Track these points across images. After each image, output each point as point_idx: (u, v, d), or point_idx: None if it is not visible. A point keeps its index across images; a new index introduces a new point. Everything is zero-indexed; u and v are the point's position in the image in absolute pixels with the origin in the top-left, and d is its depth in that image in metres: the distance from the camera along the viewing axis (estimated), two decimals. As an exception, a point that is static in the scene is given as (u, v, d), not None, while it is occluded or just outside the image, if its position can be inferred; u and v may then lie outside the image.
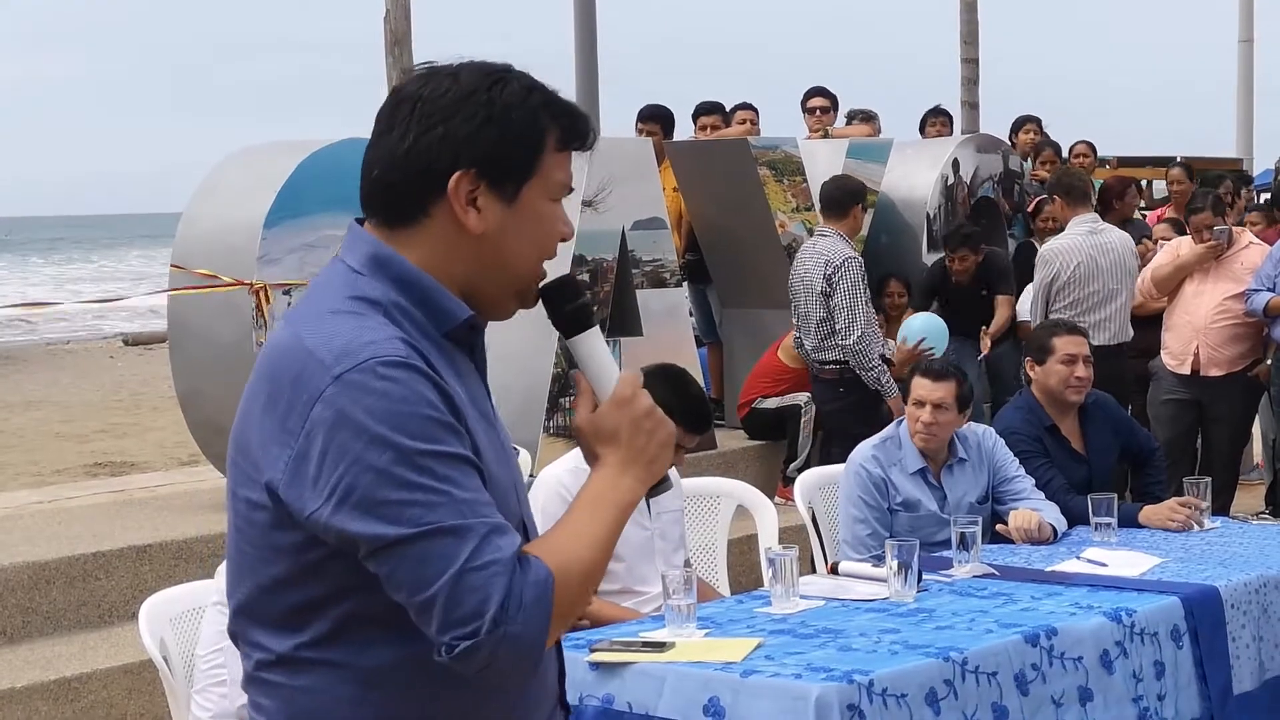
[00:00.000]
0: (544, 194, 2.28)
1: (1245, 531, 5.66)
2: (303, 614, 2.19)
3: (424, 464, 2.08)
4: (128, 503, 8.16)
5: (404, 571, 2.08)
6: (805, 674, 3.80)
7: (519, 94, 2.25)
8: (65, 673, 6.12)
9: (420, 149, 2.22)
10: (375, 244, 2.26)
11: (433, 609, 2.07)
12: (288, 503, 2.13)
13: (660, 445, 2.27)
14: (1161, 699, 4.49)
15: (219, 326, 7.42)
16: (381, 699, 2.20)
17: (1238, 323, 8.77)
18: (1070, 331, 6.31)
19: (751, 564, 7.00)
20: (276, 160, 7.73)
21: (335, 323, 2.17)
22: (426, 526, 2.07)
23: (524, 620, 2.07)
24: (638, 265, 8.90)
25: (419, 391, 2.11)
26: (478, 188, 2.22)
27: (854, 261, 8.22)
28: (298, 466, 2.12)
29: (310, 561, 2.16)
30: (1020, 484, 5.73)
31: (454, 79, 2.24)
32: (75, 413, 16.24)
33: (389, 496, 2.07)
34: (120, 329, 29.05)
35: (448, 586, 2.06)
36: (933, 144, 11.64)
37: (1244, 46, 24.43)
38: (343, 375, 2.10)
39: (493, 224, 2.24)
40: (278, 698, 2.23)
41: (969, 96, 14.05)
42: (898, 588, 4.59)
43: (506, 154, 2.23)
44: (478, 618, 2.05)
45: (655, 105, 10.70)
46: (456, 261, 2.25)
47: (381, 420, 2.08)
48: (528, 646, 2.09)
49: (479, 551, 2.07)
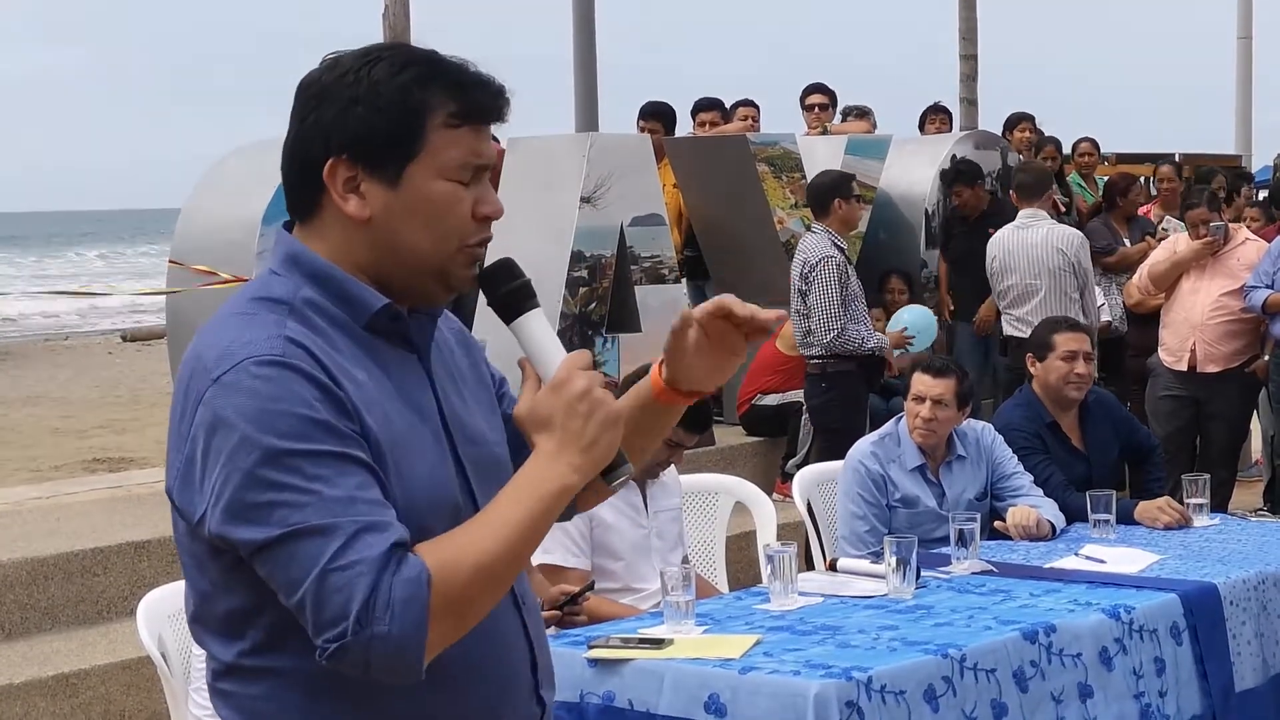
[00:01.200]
0: (436, 174, 2.16)
1: (1244, 528, 5.66)
2: (238, 622, 2.16)
3: (292, 464, 2.02)
4: (126, 498, 8.16)
5: (278, 574, 2.04)
6: (804, 671, 3.80)
7: (389, 70, 2.15)
8: (63, 669, 6.12)
9: (299, 139, 2.19)
10: (290, 242, 2.22)
11: (304, 611, 2.02)
12: (181, 509, 2.12)
13: (600, 426, 2.15)
14: (1163, 695, 4.49)
15: (217, 322, 7.41)
16: (330, 705, 2.16)
17: (1234, 319, 8.77)
18: (1071, 328, 6.32)
19: (750, 560, 7.00)
20: (275, 156, 7.66)
21: (226, 326, 2.14)
22: (292, 527, 2.01)
23: (392, 620, 1.99)
24: (636, 261, 8.90)
25: (291, 390, 2.05)
26: (356, 173, 2.16)
27: (830, 260, 8.20)
28: (187, 471, 2.09)
29: (226, 568, 2.12)
30: (1019, 481, 5.73)
31: (334, 64, 2.18)
32: (74, 408, 16.23)
33: (257, 499, 2.02)
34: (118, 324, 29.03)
35: (313, 587, 2.00)
36: (931, 140, 11.66)
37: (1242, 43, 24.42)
38: (220, 377, 2.06)
39: (378, 209, 2.17)
40: (234, 706, 2.21)
41: (968, 93, 14.07)
42: (896, 584, 4.59)
43: (378, 134, 2.14)
44: (343, 619, 1.99)
45: (657, 103, 10.69)
46: (356, 251, 2.19)
47: (250, 420, 2.03)
48: (400, 646, 2.01)
49: (343, 551, 2.00)
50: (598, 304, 8.69)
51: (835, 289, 8.17)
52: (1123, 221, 10.86)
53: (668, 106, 10.72)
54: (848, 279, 8.25)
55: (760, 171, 10.02)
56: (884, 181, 10.76)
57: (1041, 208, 9.31)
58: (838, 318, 8.18)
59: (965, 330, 10.28)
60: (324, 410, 2.06)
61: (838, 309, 8.18)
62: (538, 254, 7.85)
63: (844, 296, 8.21)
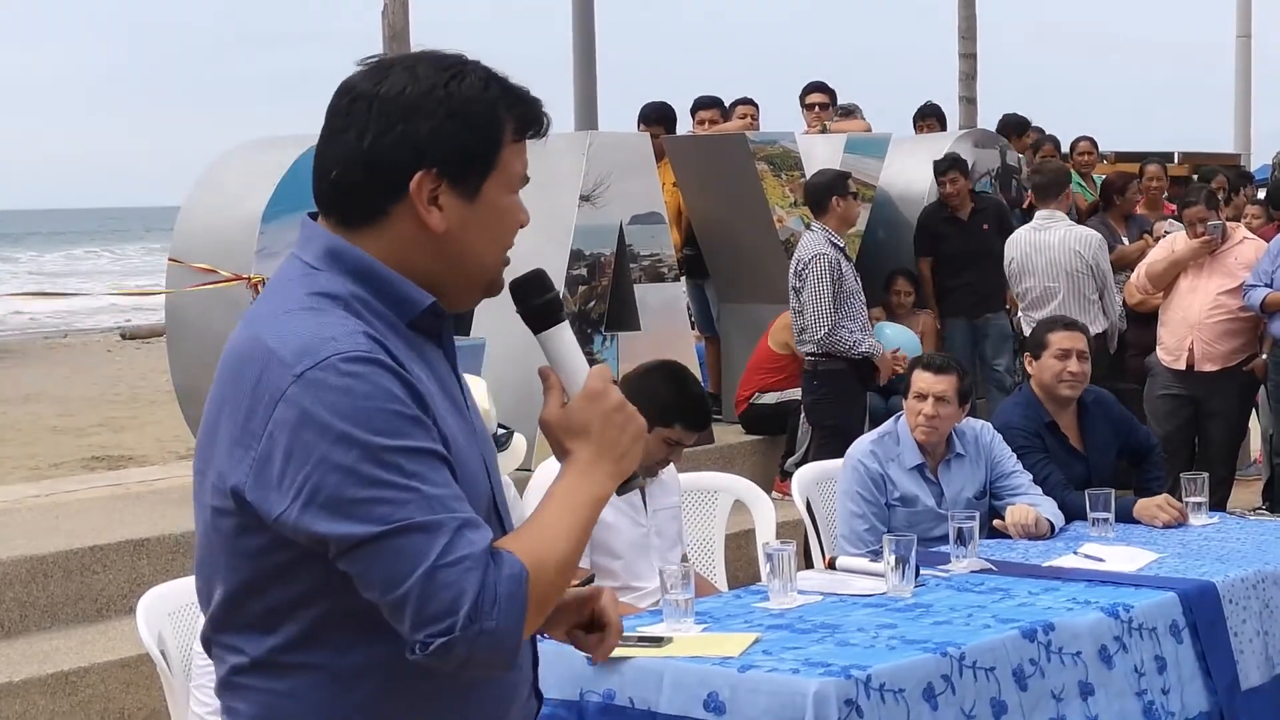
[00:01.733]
0: (504, 188, 2.23)
1: (1243, 527, 5.66)
2: (275, 617, 2.17)
3: (391, 460, 2.05)
4: (125, 496, 8.16)
5: (375, 570, 2.05)
6: (803, 669, 3.80)
7: (477, 86, 2.19)
8: (63, 666, 6.12)
9: (381, 149, 2.17)
10: (330, 238, 2.22)
11: (405, 607, 2.04)
12: (254, 505, 2.10)
13: (631, 440, 2.25)
14: (1166, 693, 4.49)
15: (217, 320, 7.41)
16: (359, 700, 2.18)
17: (1232, 318, 8.77)
18: (1065, 327, 6.31)
19: (749, 559, 7.00)
20: (274, 154, 7.73)
21: (294, 321, 2.13)
22: (396, 524, 2.03)
23: (500, 615, 2.04)
24: (635, 260, 8.90)
25: (383, 386, 2.07)
26: (439, 186, 2.19)
27: (822, 258, 8.22)
28: (262, 469, 2.08)
29: (278, 564, 2.14)
30: (1018, 479, 5.73)
31: (410, 74, 2.19)
32: (73, 406, 16.23)
33: (357, 495, 2.04)
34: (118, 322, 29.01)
35: (420, 583, 2.03)
36: (930, 139, 11.66)
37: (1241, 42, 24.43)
38: (304, 373, 2.06)
39: (455, 222, 2.20)
40: (254, 702, 2.21)
41: (967, 92, 14.09)
42: (895, 583, 4.59)
43: (468, 151, 2.19)
44: (451, 614, 2.03)
45: (658, 104, 10.69)
46: (417, 259, 2.22)
47: (345, 417, 2.04)
48: (504, 641, 2.06)
49: (451, 547, 2.04)
50: (597, 302, 8.69)
51: (827, 286, 8.17)
52: (1120, 220, 10.86)
53: (669, 108, 10.72)
54: (841, 276, 8.24)
55: (760, 170, 10.02)
56: (883, 180, 10.76)
57: (1059, 208, 9.24)
58: (829, 315, 8.19)
59: (960, 328, 10.24)
60: (412, 406, 2.09)
61: (829, 306, 8.19)
62: (537, 252, 7.81)
63: (836, 294, 8.20)
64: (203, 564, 2.24)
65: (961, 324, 10.20)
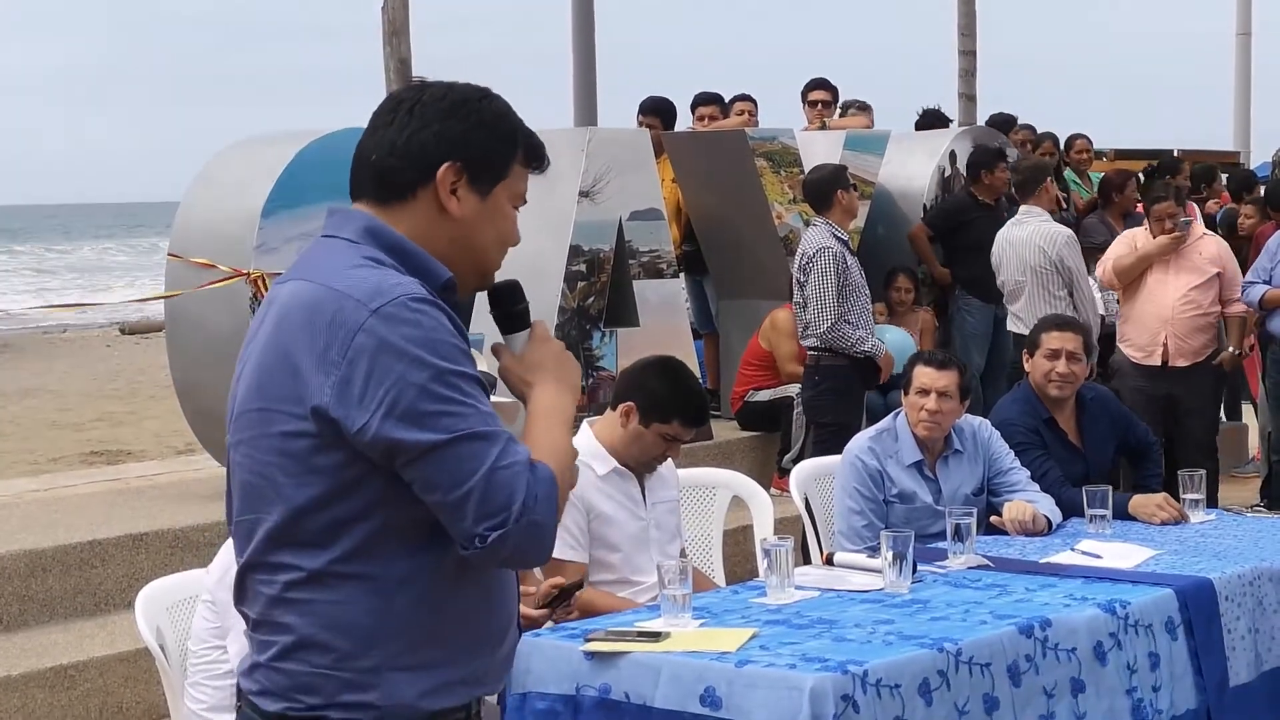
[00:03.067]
0: (509, 197, 2.67)
1: (1240, 524, 5.67)
2: (334, 531, 2.49)
3: (454, 381, 2.46)
4: (124, 491, 8.17)
5: (442, 473, 2.43)
6: (800, 664, 3.81)
7: (504, 108, 2.67)
8: (61, 661, 6.13)
9: (418, 140, 2.60)
10: (366, 218, 2.62)
11: (468, 503, 2.43)
12: (338, 420, 2.45)
13: (577, 375, 2.73)
14: (1156, 690, 4.50)
15: (216, 315, 7.42)
16: (403, 606, 2.51)
17: (1202, 313, 8.77)
18: (1059, 327, 6.29)
19: (747, 554, 7.01)
20: (274, 149, 7.73)
21: (361, 273, 2.51)
22: (460, 432, 2.44)
23: (541, 511, 2.46)
24: (634, 256, 8.91)
25: (442, 323, 2.48)
26: (459, 179, 2.61)
27: (826, 251, 8.19)
28: (343, 389, 2.44)
29: (347, 479, 2.47)
30: (1015, 476, 5.74)
31: (449, 89, 2.65)
32: (71, 401, 16.23)
33: (428, 408, 2.43)
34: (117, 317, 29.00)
35: (482, 483, 2.43)
36: (929, 136, 11.65)
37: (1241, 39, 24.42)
38: (380, 309, 2.45)
39: (468, 212, 2.62)
40: (306, 613, 2.52)
41: (966, 88, 14.06)
42: (893, 579, 4.60)
43: (489, 155, 2.63)
44: (506, 509, 2.43)
45: (657, 98, 10.69)
46: (435, 238, 2.62)
47: (419, 345, 2.44)
48: (546, 533, 2.48)
49: (504, 454, 2.45)
50: (596, 298, 8.70)
51: (831, 280, 8.15)
52: (1119, 218, 10.86)
53: (667, 102, 10.71)
54: (846, 271, 8.21)
55: (759, 166, 10.02)
56: (882, 176, 10.75)
57: (1037, 204, 9.24)
58: (832, 309, 8.17)
59: (984, 312, 10.16)
60: (464, 342, 2.51)
61: (833, 300, 8.17)
62: (536, 248, 7.86)
63: (841, 289, 8.19)
64: (252, 499, 2.58)
65: (988, 309, 10.11)
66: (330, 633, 2.50)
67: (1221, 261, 8.88)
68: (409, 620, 2.52)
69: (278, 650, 2.53)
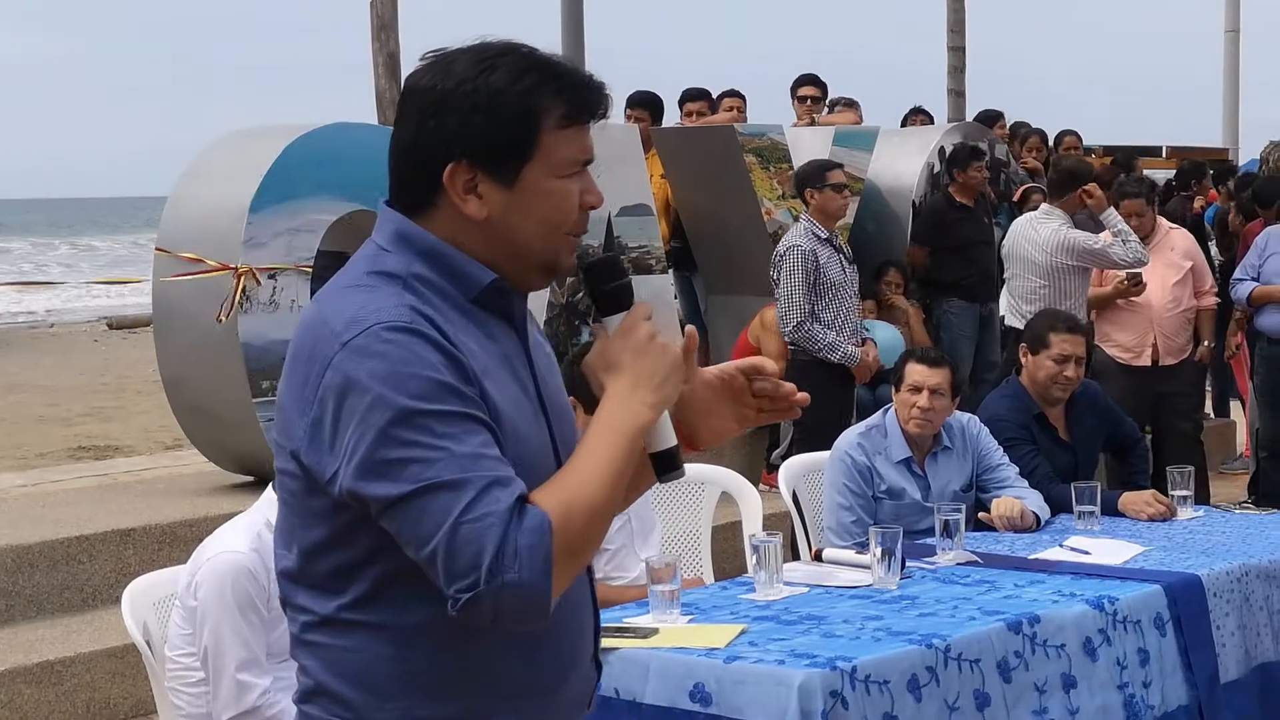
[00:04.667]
0: (549, 172, 2.30)
1: (1228, 520, 5.67)
2: (342, 577, 2.28)
3: (423, 423, 2.15)
4: (112, 486, 8.16)
5: (408, 528, 2.16)
6: (789, 660, 3.81)
7: (508, 78, 2.27)
8: (48, 656, 6.12)
9: (418, 143, 2.30)
10: (400, 221, 2.33)
11: (435, 563, 2.14)
12: (309, 468, 2.23)
13: (669, 368, 2.30)
14: (1147, 686, 4.51)
15: (204, 310, 7.40)
16: (420, 656, 2.28)
17: (1184, 309, 8.76)
18: (1070, 330, 6.22)
19: (735, 550, 7.00)
20: (263, 144, 7.71)
21: (349, 296, 2.26)
22: (424, 482, 2.13)
23: (520, 568, 2.11)
24: (623, 251, 8.90)
25: (418, 354, 2.17)
26: (475, 175, 2.28)
27: (796, 250, 8.17)
28: (315, 432, 2.21)
29: (343, 524, 2.24)
30: (1004, 472, 5.74)
31: (447, 69, 2.29)
32: (59, 396, 16.19)
33: (390, 455, 2.14)
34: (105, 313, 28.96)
35: (445, 539, 2.12)
36: (919, 132, 11.65)
37: (1230, 36, 24.43)
38: (349, 341, 2.18)
39: (495, 209, 2.29)
40: (322, 658, 2.32)
41: (955, 85, 14.08)
42: (881, 575, 4.60)
43: (498, 140, 2.27)
44: (474, 569, 2.11)
45: (644, 92, 10.67)
46: (470, 242, 2.31)
47: (382, 381, 2.15)
48: (529, 593, 2.13)
49: (474, 504, 2.12)
50: (584, 294, 8.69)
51: (799, 279, 8.12)
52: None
53: (655, 96, 10.70)
54: (818, 269, 8.16)
55: (748, 162, 10.01)
56: (871, 172, 10.75)
57: (1064, 207, 9.06)
58: (799, 307, 8.14)
59: (968, 313, 10.16)
60: (449, 374, 2.19)
61: (800, 298, 8.14)
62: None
63: (812, 287, 8.15)
64: (281, 533, 2.37)
65: (972, 309, 10.11)
66: (342, 681, 2.30)
67: (1191, 255, 8.90)
68: (429, 671, 2.28)
69: (301, 692, 2.37)
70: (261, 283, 7.33)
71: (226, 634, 3.97)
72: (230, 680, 3.97)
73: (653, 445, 2.35)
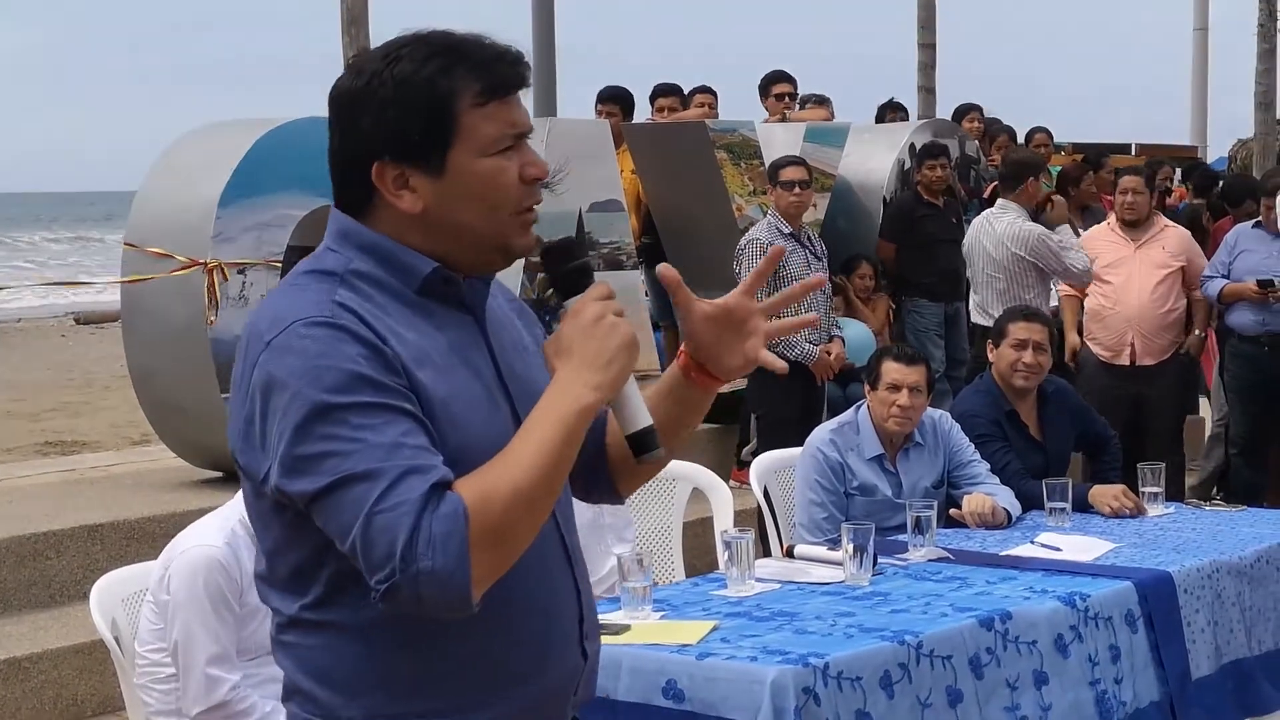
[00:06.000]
0: (476, 153, 2.26)
1: (1198, 517, 5.69)
2: (300, 577, 2.27)
3: (339, 416, 2.13)
4: (79, 482, 8.11)
5: (331, 522, 2.14)
6: (761, 656, 3.80)
7: (412, 67, 2.24)
8: (15, 653, 6.08)
9: (344, 148, 2.29)
10: (343, 220, 2.32)
11: (357, 556, 2.12)
12: (245, 468, 2.24)
13: (617, 347, 2.24)
14: (1119, 682, 4.51)
15: (172, 306, 7.37)
16: (384, 654, 2.26)
17: (1168, 310, 8.72)
18: (1026, 318, 6.29)
19: (706, 547, 6.98)
20: (232, 138, 7.68)
21: (279, 296, 2.27)
22: (340, 475, 2.11)
23: (434, 555, 2.08)
24: (594, 247, 8.90)
25: (335, 348, 2.16)
26: (402, 170, 2.26)
27: (753, 243, 8.29)
28: (248, 431, 2.21)
29: (290, 525, 2.23)
30: (976, 469, 5.74)
31: (359, 69, 2.28)
32: (26, 391, 16.10)
33: (309, 450, 2.13)
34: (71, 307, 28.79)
35: (361, 530, 2.10)
36: (889, 129, 11.67)
37: (1198, 34, 24.57)
38: (271, 341, 2.18)
39: (430, 199, 2.27)
40: (294, 658, 2.32)
41: (926, 81, 14.09)
42: (853, 571, 4.60)
43: (414, 130, 2.24)
44: (390, 559, 2.08)
45: (615, 87, 10.67)
46: (411, 235, 2.29)
47: (299, 377, 2.14)
48: (446, 581, 2.09)
49: (388, 493, 2.09)
50: (543, 277, 8.67)
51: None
52: (1076, 211, 10.88)
53: (625, 91, 10.69)
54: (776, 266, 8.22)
55: (719, 158, 10.01)
56: (843, 169, 10.76)
57: (1017, 200, 9.08)
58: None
59: (934, 311, 10.18)
60: (368, 366, 2.16)
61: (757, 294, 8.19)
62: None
63: (769, 282, 8.21)
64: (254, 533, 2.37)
65: (937, 308, 10.13)
66: (311, 680, 2.30)
67: (1186, 252, 8.87)
68: (393, 668, 2.26)
69: (284, 691, 2.37)
70: (230, 278, 7.30)
71: (197, 628, 3.95)
72: (200, 674, 3.95)
73: (626, 426, 2.31)
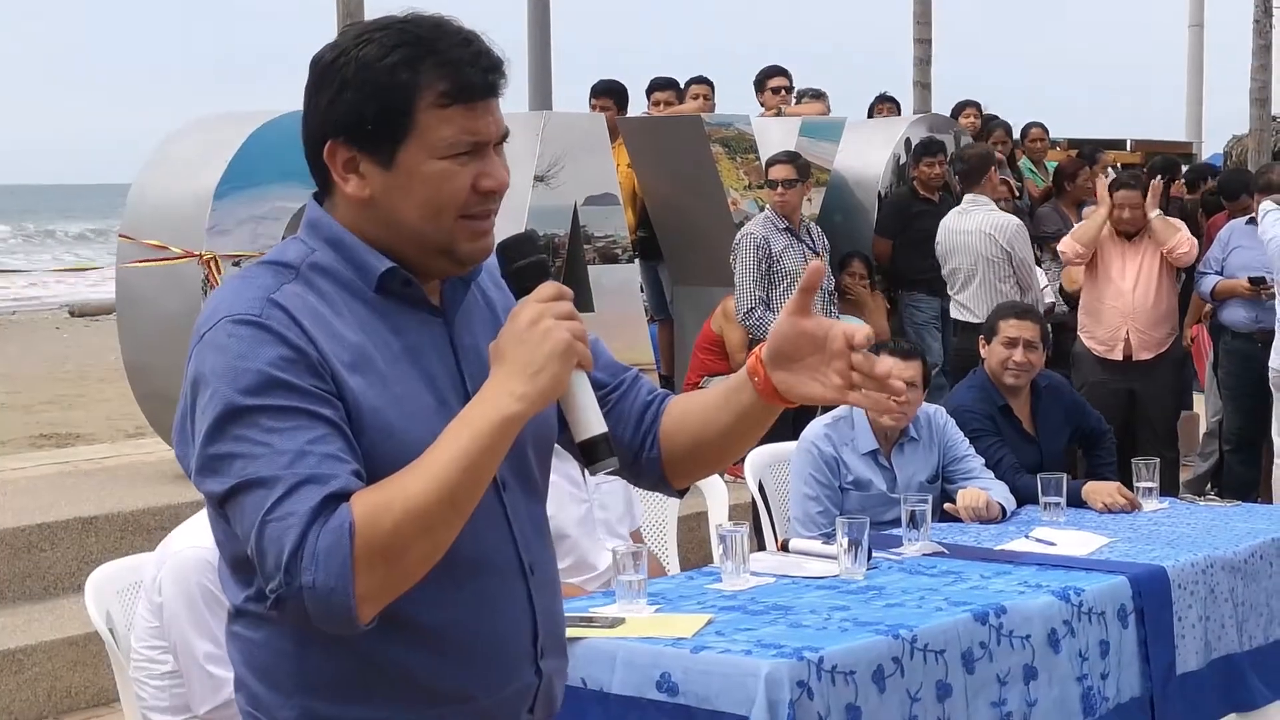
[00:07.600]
0: (428, 154, 2.17)
1: (1193, 512, 5.69)
2: (241, 569, 2.22)
3: (251, 418, 2.08)
4: (74, 474, 8.11)
5: (236, 525, 2.11)
6: (755, 650, 3.80)
7: (378, 52, 2.16)
8: (9, 645, 6.08)
9: (305, 121, 2.24)
10: (314, 209, 2.28)
11: (253, 561, 2.09)
12: (180, 461, 2.21)
13: (547, 355, 2.11)
14: (1105, 678, 4.52)
15: (167, 297, 7.36)
16: (317, 655, 2.20)
17: (1163, 303, 8.72)
18: (1018, 315, 6.31)
19: (701, 540, 7.00)
20: (227, 130, 7.67)
21: (225, 287, 2.22)
22: (243, 478, 2.07)
23: (316, 570, 2.01)
24: (589, 241, 8.89)
25: (256, 348, 2.10)
26: (354, 155, 2.20)
27: (749, 237, 8.46)
28: (181, 427, 2.19)
29: (224, 518, 2.17)
30: (970, 463, 5.75)
31: (336, 43, 2.21)
32: (20, 384, 16.08)
33: (220, 450, 2.09)
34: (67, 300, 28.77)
35: (255, 538, 2.06)
36: (885, 123, 11.67)
37: (1193, 31, 24.54)
38: (204, 335, 2.15)
39: (377, 189, 2.20)
40: (240, 650, 2.28)
41: (921, 77, 14.06)
42: (848, 565, 4.60)
43: (368, 118, 2.17)
44: (277, 570, 2.04)
45: (609, 80, 10.66)
46: (365, 225, 2.23)
47: (219, 376, 2.10)
48: (328, 597, 2.02)
49: (280, 503, 2.04)
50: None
51: (750, 266, 8.46)
52: (1072, 206, 10.89)
53: (620, 84, 10.69)
54: (769, 258, 8.41)
55: (715, 153, 10.01)
56: (838, 164, 10.76)
57: (982, 192, 9.16)
58: (749, 294, 8.48)
59: (932, 306, 10.19)
60: (287, 369, 2.10)
61: (751, 285, 8.47)
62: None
63: (764, 275, 8.42)
64: None
65: (935, 302, 10.13)
66: (252, 675, 2.26)
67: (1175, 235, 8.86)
68: (327, 670, 2.20)
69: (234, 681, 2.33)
70: (225, 270, 7.29)
71: (191, 630, 3.95)
72: (202, 673, 3.96)
73: (575, 434, 2.22)
